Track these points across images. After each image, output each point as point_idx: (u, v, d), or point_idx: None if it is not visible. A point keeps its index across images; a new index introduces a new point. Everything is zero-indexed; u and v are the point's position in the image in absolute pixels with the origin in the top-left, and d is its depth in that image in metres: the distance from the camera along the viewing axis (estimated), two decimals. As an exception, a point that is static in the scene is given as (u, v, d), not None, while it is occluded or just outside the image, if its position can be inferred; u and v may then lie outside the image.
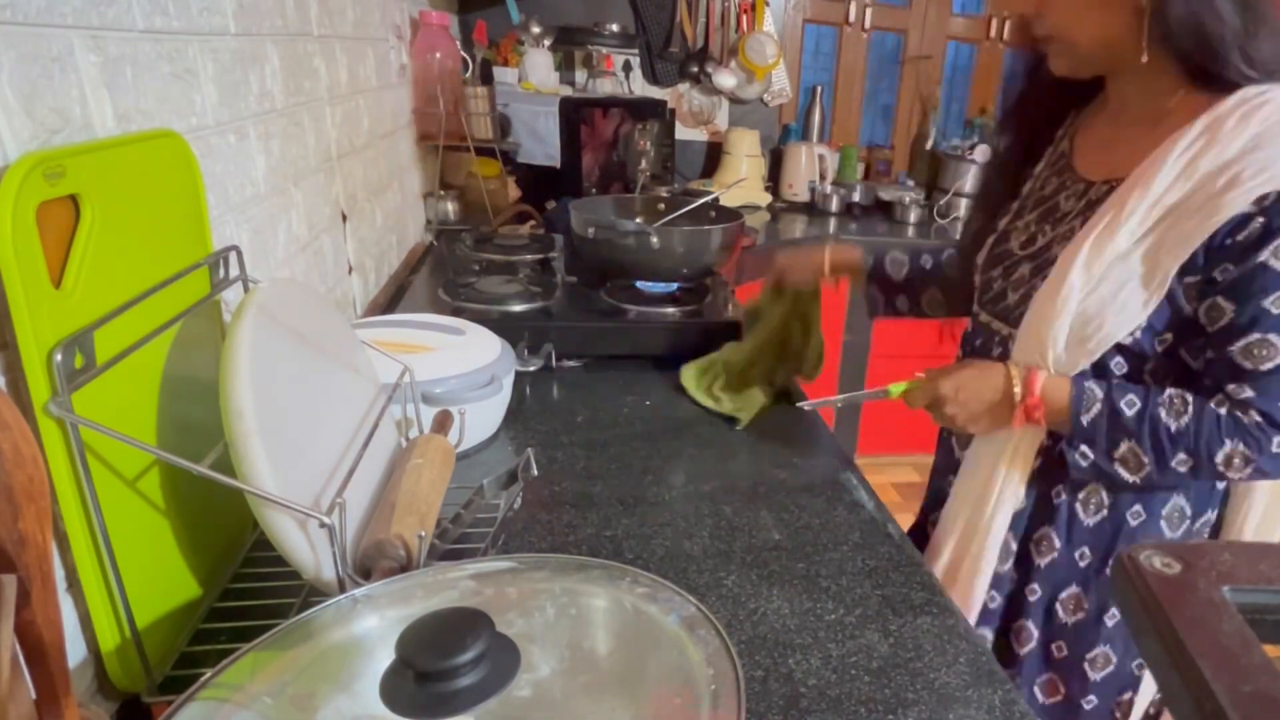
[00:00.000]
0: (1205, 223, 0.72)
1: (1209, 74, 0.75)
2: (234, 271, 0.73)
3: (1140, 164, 0.77)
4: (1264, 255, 0.71)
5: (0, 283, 0.47)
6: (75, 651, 0.56)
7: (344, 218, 1.26)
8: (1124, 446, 0.78)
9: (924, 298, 1.14)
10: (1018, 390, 0.82)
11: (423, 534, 0.59)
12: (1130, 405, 0.77)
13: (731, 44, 2.72)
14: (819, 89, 2.91)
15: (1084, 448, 0.80)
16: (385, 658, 0.41)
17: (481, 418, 0.98)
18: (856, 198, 2.84)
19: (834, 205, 2.80)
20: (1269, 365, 0.72)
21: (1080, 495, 0.89)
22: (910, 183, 2.98)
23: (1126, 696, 0.94)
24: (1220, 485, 0.89)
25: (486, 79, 2.19)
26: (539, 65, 2.28)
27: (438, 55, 1.85)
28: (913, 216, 2.77)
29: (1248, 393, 0.73)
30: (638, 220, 1.47)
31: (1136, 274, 0.77)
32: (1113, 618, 0.91)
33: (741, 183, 2.67)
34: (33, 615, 0.40)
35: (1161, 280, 0.75)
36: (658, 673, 0.45)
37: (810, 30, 2.95)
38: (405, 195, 1.77)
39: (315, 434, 0.64)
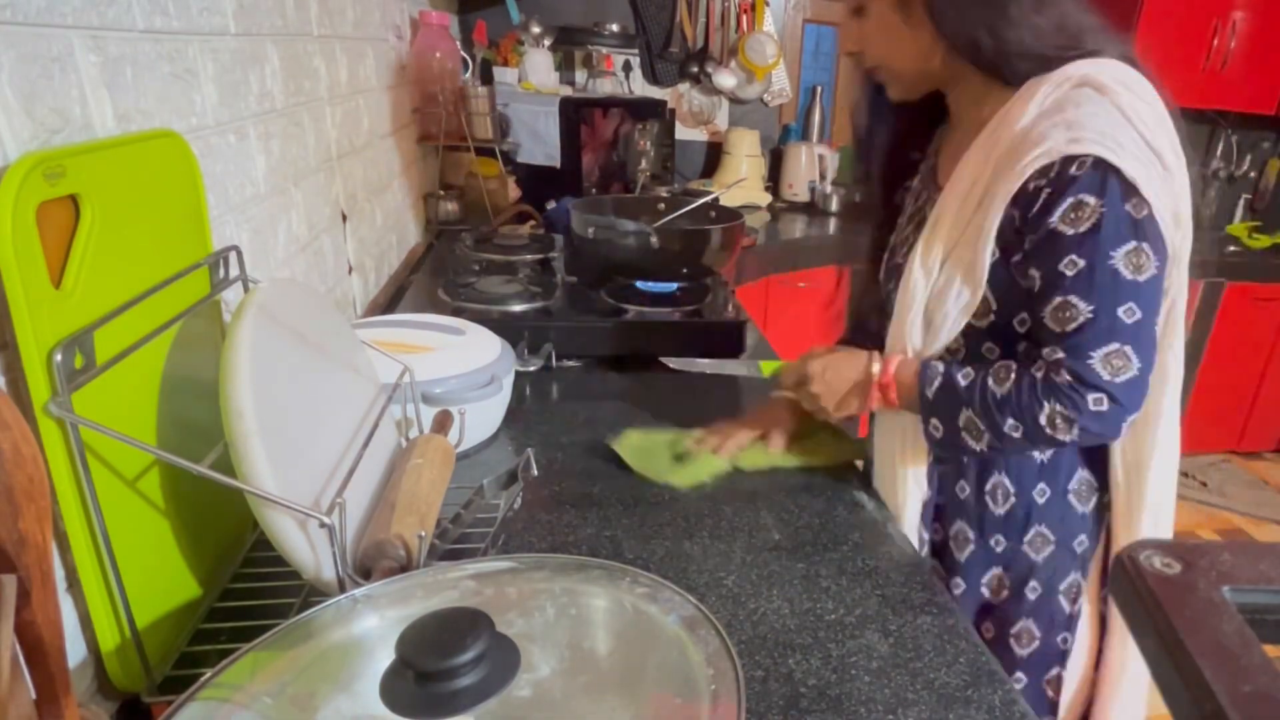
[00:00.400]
0: (998, 201, 0.78)
1: (1005, 76, 0.81)
2: (234, 271, 0.73)
3: (955, 169, 0.84)
4: (1053, 221, 0.75)
5: (0, 283, 0.47)
6: (75, 651, 0.56)
7: (344, 218, 1.26)
8: (964, 415, 0.81)
9: None
10: (875, 369, 0.87)
11: (423, 534, 0.59)
12: (965, 377, 0.81)
13: (731, 44, 2.72)
14: (819, 89, 2.91)
15: (934, 420, 0.83)
16: (385, 658, 0.41)
17: (481, 418, 0.98)
18: (856, 198, 2.84)
19: (834, 205, 2.80)
20: (1073, 325, 0.76)
21: (987, 487, 0.91)
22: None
23: (1054, 672, 0.96)
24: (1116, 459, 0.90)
25: (486, 79, 2.19)
26: (539, 65, 2.28)
27: (438, 55, 1.85)
28: (913, 216, 2.76)
29: (1059, 354, 0.77)
30: (638, 220, 1.47)
31: (963, 263, 0.82)
32: (1034, 591, 0.92)
33: (741, 183, 2.67)
34: (33, 615, 0.40)
35: (983, 262, 0.80)
36: (658, 673, 0.45)
37: (810, 30, 2.95)
38: (405, 195, 1.77)
39: (315, 434, 0.64)
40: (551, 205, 1.95)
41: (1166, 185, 0.76)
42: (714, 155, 2.89)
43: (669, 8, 2.58)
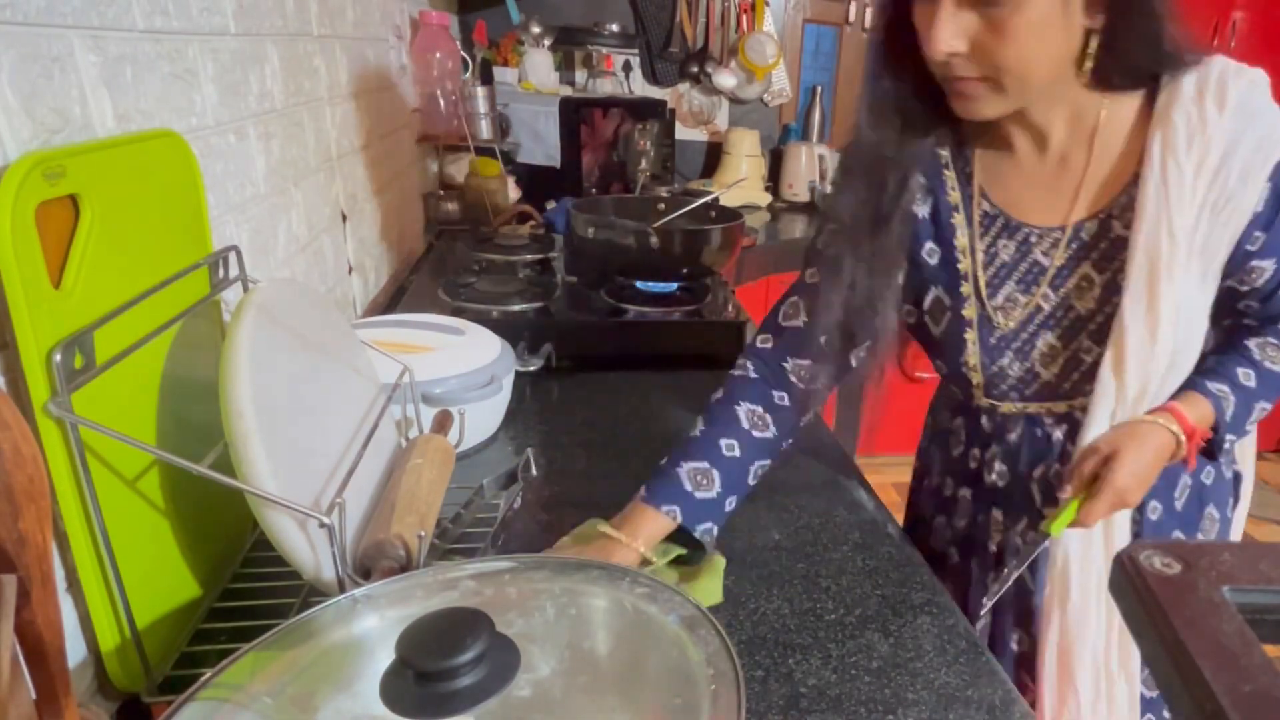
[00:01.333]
0: (1238, 220, 0.74)
1: (1128, 78, 0.75)
2: (234, 271, 0.73)
3: (1121, 190, 0.78)
4: None
5: (0, 282, 0.47)
6: (75, 651, 0.56)
7: (344, 218, 1.26)
8: (1259, 409, 0.80)
9: (750, 478, 0.85)
10: (1177, 431, 0.76)
11: (423, 534, 0.59)
12: (1246, 376, 0.79)
13: (731, 44, 2.72)
14: (819, 89, 2.90)
15: (1232, 435, 0.79)
16: (385, 658, 0.41)
17: (481, 418, 0.98)
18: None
19: (834, 205, 2.80)
20: None
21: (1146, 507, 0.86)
22: (910, 183, 2.98)
23: None
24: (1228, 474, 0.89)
25: (486, 79, 2.19)
26: (539, 65, 2.28)
27: (438, 55, 1.85)
28: (913, 216, 2.76)
29: None
30: (638, 220, 1.47)
31: (1195, 294, 0.77)
32: None
33: (741, 183, 2.67)
34: (33, 615, 0.40)
35: (1212, 289, 0.78)
36: (658, 673, 0.45)
37: (810, 30, 2.95)
38: (405, 195, 1.77)
39: (315, 434, 0.64)
40: (551, 205, 1.95)
41: None
42: (714, 155, 2.89)
43: (669, 8, 2.58)
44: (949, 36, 0.68)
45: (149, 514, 0.60)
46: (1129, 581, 0.27)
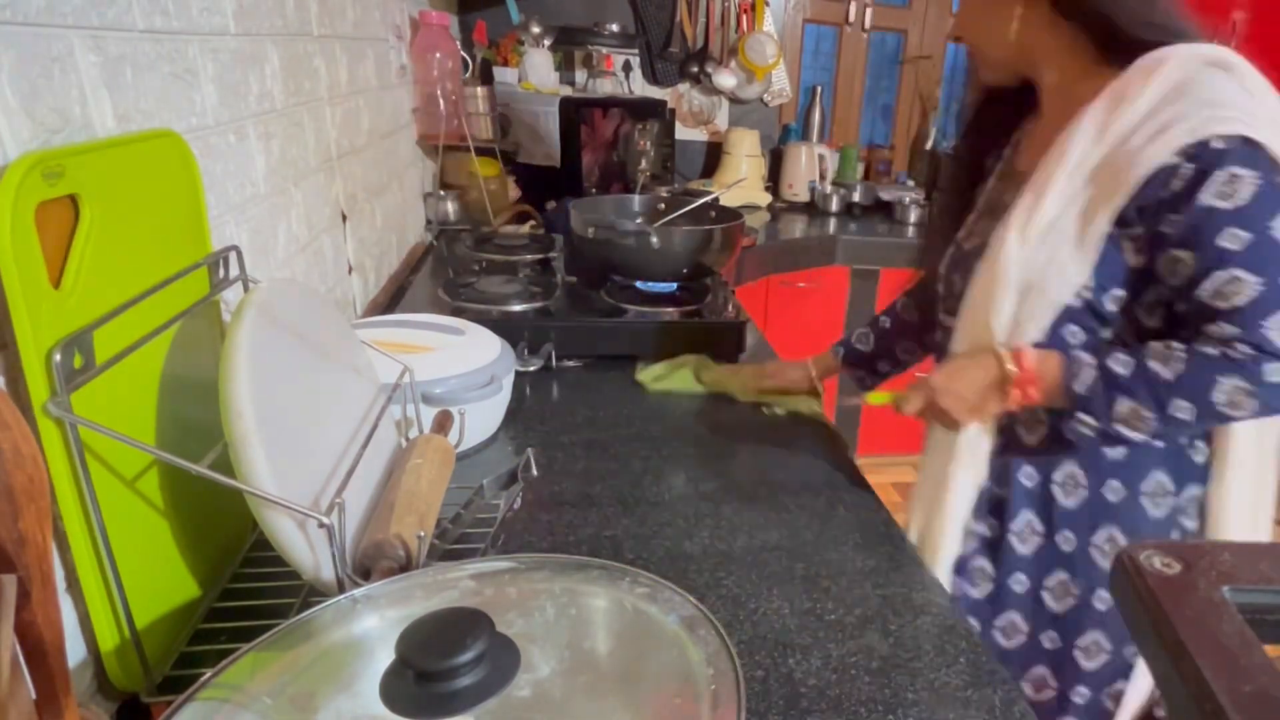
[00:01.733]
0: (1129, 175, 0.77)
1: (1114, 49, 0.82)
2: (234, 271, 0.73)
3: (1058, 140, 0.83)
4: (1205, 198, 0.74)
5: (0, 282, 0.47)
6: (75, 651, 0.56)
7: (344, 218, 1.26)
8: (1124, 406, 0.77)
9: (899, 353, 1.18)
10: (1010, 369, 0.82)
11: (422, 534, 0.59)
12: (1122, 364, 0.78)
13: (731, 44, 2.72)
14: (819, 89, 2.91)
15: (1083, 415, 0.79)
16: (385, 658, 0.41)
17: (481, 418, 0.98)
18: (856, 198, 2.84)
19: (834, 205, 2.80)
20: (1243, 299, 0.73)
21: (1057, 478, 0.90)
22: (910, 182, 2.98)
23: (1118, 686, 0.93)
24: (1199, 458, 0.88)
25: (486, 79, 2.19)
26: (539, 65, 2.28)
27: (438, 55, 1.85)
28: (913, 216, 2.76)
29: (1229, 330, 0.74)
30: (638, 220, 1.47)
31: (1069, 236, 0.81)
32: (1103, 601, 0.90)
33: (741, 183, 2.67)
34: (33, 615, 0.40)
35: (1095, 237, 0.80)
36: (658, 673, 0.45)
37: (810, 30, 2.95)
38: (405, 195, 1.77)
39: (315, 434, 0.64)
40: (551, 205, 1.95)
41: None
42: (714, 155, 2.89)
43: (669, 8, 2.58)
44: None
45: (148, 514, 0.60)
46: (1129, 581, 0.27)
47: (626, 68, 2.64)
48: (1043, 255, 0.82)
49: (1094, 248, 0.80)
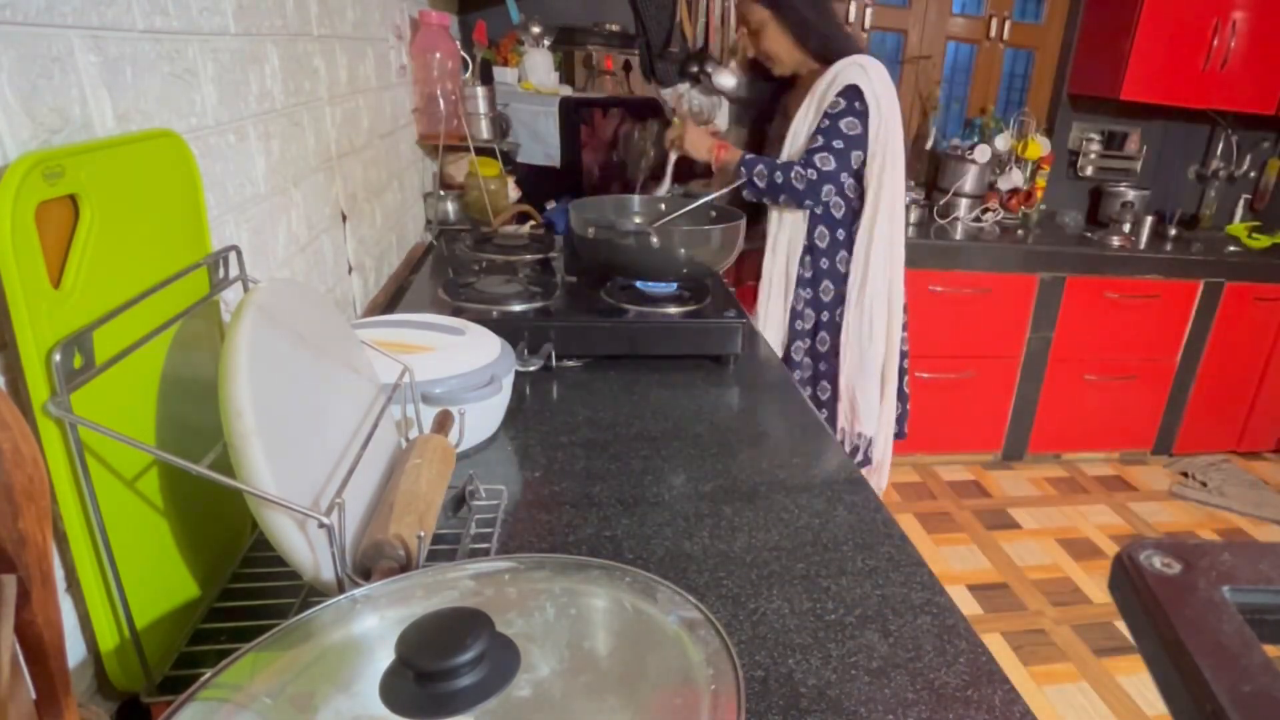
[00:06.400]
0: (821, 108, 1.74)
1: (824, 59, 1.75)
2: (234, 271, 0.73)
3: (804, 102, 1.77)
4: (830, 111, 1.72)
5: (0, 282, 0.47)
6: (75, 651, 0.56)
7: (344, 218, 1.26)
8: (758, 168, 1.74)
9: None
10: (717, 154, 1.82)
11: (422, 534, 0.59)
12: (769, 165, 1.75)
13: (731, 44, 2.71)
14: (819, 89, 2.90)
15: (743, 169, 1.75)
16: (385, 658, 0.41)
17: (481, 418, 0.98)
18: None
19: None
20: (813, 146, 1.73)
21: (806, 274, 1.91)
22: (910, 183, 2.98)
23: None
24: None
25: (486, 79, 2.19)
26: (539, 65, 2.28)
27: (438, 55, 1.84)
28: (913, 216, 2.76)
29: (812, 171, 1.72)
30: (638, 220, 1.47)
31: (803, 137, 1.78)
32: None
33: (742, 183, 2.66)
34: (33, 615, 0.40)
35: (808, 134, 1.76)
36: (658, 673, 0.45)
37: (810, 30, 2.94)
38: (405, 195, 1.77)
39: (315, 434, 0.64)
40: (551, 205, 1.95)
41: (879, 114, 1.71)
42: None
43: (669, 8, 2.58)
44: (747, 48, 1.87)
45: (148, 514, 0.60)
46: (1129, 581, 0.27)
47: (626, 68, 2.63)
48: (794, 147, 1.79)
49: (808, 138, 1.75)
